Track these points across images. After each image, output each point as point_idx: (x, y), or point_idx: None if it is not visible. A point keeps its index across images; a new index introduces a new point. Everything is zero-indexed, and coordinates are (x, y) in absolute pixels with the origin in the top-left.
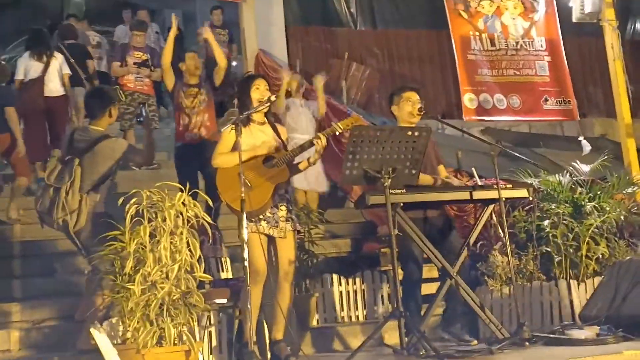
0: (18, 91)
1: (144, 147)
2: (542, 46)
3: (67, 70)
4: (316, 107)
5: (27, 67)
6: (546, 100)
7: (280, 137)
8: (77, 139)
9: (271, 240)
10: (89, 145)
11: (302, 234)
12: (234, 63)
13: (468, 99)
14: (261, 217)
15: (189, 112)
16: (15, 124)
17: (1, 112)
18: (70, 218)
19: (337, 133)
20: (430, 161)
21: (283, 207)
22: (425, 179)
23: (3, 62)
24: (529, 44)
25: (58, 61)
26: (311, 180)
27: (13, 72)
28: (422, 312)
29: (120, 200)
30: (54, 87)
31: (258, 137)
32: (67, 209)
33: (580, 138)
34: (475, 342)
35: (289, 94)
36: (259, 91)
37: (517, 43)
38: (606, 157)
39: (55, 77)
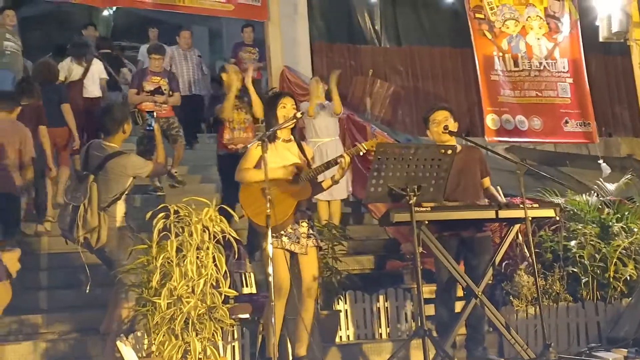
0: None
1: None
2: (564, 67)
3: (104, 75)
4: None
5: (69, 70)
6: (566, 122)
7: (305, 155)
8: (92, 156)
9: (293, 256)
10: (101, 163)
11: (325, 250)
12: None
13: (490, 120)
14: (282, 232)
15: (233, 126)
16: (71, 118)
17: (57, 108)
18: (91, 236)
19: (361, 153)
20: (473, 174)
21: (304, 224)
22: None
23: (52, 62)
24: (552, 65)
25: (97, 67)
26: (332, 190)
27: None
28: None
29: (148, 215)
30: (92, 89)
31: (284, 156)
32: (87, 227)
33: (600, 161)
34: None
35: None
36: (286, 109)
37: (540, 64)
38: (630, 176)
39: (93, 80)
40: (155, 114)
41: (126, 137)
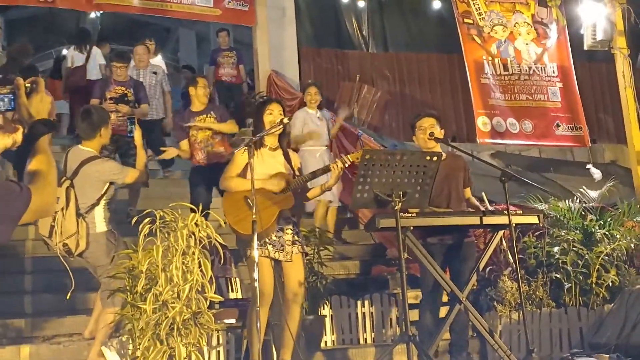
0: (65, 76)
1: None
2: (554, 72)
3: (102, 61)
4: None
5: (73, 57)
6: (558, 125)
7: (290, 164)
8: (70, 160)
9: (278, 263)
10: (77, 168)
11: (311, 255)
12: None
13: (482, 123)
14: (267, 240)
15: (197, 146)
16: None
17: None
18: (70, 242)
19: (347, 165)
20: (457, 182)
21: (289, 231)
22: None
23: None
24: (541, 69)
25: (96, 53)
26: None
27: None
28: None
29: (134, 220)
30: (93, 72)
31: (270, 165)
32: (65, 233)
33: (589, 166)
34: None
35: (303, 104)
36: (272, 115)
37: (529, 68)
38: (613, 183)
39: (94, 65)
40: (135, 119)
41: (104, 142)
